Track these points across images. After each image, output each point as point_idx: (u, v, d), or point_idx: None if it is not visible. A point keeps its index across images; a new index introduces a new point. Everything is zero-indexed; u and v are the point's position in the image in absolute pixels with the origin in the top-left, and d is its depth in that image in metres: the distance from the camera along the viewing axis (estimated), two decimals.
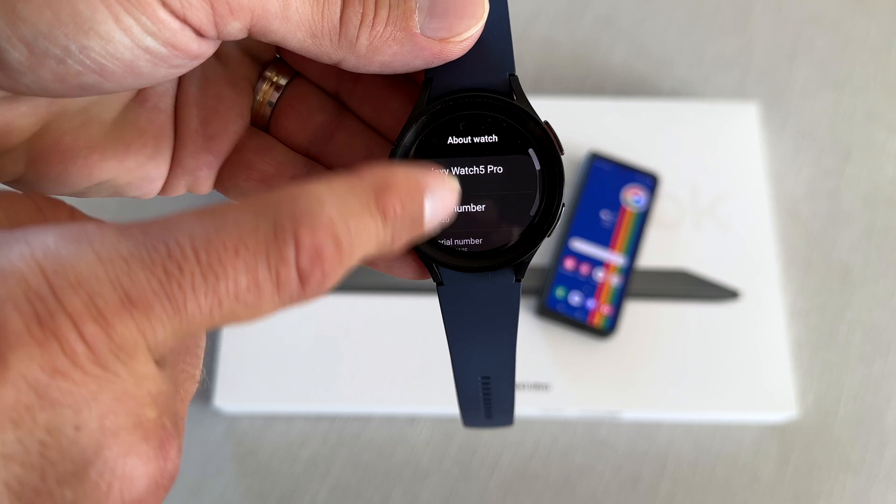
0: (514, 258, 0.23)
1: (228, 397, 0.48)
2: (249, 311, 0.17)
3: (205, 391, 0.49)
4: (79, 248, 0.16)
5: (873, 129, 0.58)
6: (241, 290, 0.17)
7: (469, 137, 0.23)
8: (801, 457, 0.49)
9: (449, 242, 0.23)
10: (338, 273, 0.18)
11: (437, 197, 0.20)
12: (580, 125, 0.54)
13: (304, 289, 0.18)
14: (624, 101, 0.56)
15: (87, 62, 0.20)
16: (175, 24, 0.20)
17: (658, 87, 0.59)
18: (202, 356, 0.21)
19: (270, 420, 0.49)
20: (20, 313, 0.15)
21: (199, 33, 0.20)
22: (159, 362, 0.17)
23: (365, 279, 0.51)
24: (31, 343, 0.15)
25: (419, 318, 0.49)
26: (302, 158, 0.26)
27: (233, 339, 0.49)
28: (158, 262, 0.16)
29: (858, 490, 0.48)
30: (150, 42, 0.20)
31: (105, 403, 0.16)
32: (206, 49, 0.21)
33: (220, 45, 0.24)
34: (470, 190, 0.23)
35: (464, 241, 0.23)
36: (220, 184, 0.26)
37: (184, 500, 0.47)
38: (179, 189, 0.27)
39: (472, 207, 0.23)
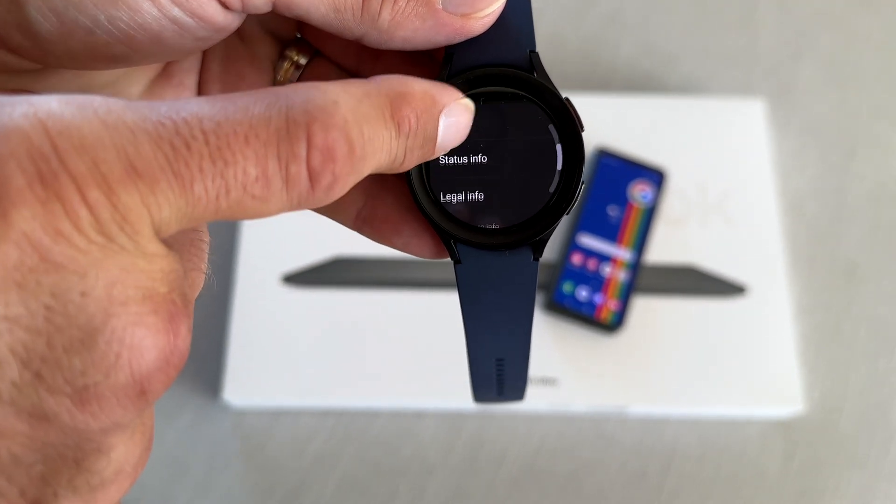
0: (532, 236, 0.23)
1: (237, 392, 0.48)
2: (257, 205, 0.17)
3: (213, 385, 0.49)
4: (84, 114, 0.16)
5: (879, 125, 0.58)
6: (249, 179, 0.16)
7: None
8: (807, 452, 0.49)
9: (465, 217, 0.23)
10: (348, 178, 0.18)
11: (453, 114, 0.20)
12: (587, 121, 0.54)
13: (314, 189, 0.17)
14: (630, 97, 0.56)
15: (116, 32, 0.20)
16: None
17: (664, 84, 0.59)
18: (206, 250, 0.20)
19: (278, 415, 0.49)
20: (22, 171, 0.15)
21: (224, 5, 0.21)
22: (167, 245, 0.17)
23: (373, 274, 0.51)
24: (34, 201, 0.15)
25: (427, 313, 0.50)
26: None
27: (241, 334, 0.49)
28: (166, 138, 0.16)
29: (864, 485, 0.48)
30: (176, 12, 0.20)
31: (112, 272, 0.15)
32: (232, 21, 0.21)
33: (243, 24, 0.24)
34: (489, 164, 0.23)
35: (482, 218, 0.23)
36: None
37: (191, 495, 0.47)
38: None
39: (490, 183, 0.23)
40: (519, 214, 0.23)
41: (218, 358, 0.50)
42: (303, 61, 0.26)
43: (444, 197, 0.23)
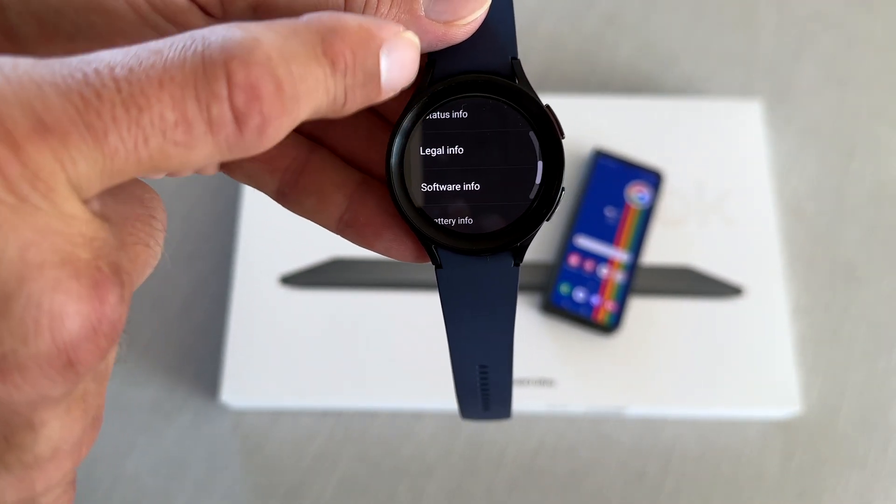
0: (513, 241, 0.23)
1: (235, 392, 0.48)
2: (181, 152, 0.16)
3: (212, 386, 0.50)
4: None
5: (878, 126, 0.58)
6: (168, 125, 0.16)
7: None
8: (806, 452, 0.49)
9: (447, 223, 0.23)
10: (281, 120, 0.17)
11: (395, 49, 0.19)
12: (585, 122, 0.55)
13: (242, 132, 0.16)
14: (628, 98, 0.56)
15: (96, 38, 0.20)
16: (182, 1, 0.20)
17: (662, 85, 0.59)
18: (159, 228, 0.19)
19: (277, 415, 0.50)
20: None
21: (205, 11, 0.21)
22: (97, 211, 0.16)
23: (371, 275, 0.51)
24: None
25: (425, 313, 0.50)
26: (303, 139, 0.26)
27: (239, 335, 0.49)
28: (75, 89, 0.15)
29: (863, 485, 0.48)
30: (156, 19, 0.20)
31: (25, 234, 0.15)
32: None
33: None
34: (469, 172, 0.23)
35: (462, 224, 0.23)
36: (225, 166, 0.26)
37: (191, 495, 0.48)
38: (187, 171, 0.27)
39: (470, 189, 0.23)
40: (499, 220, 0.23)
41: (216, 359, 0.50)
42: None
43: (425, 203, 0.23)
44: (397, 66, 0.19)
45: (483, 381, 0.27)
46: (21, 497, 0.17)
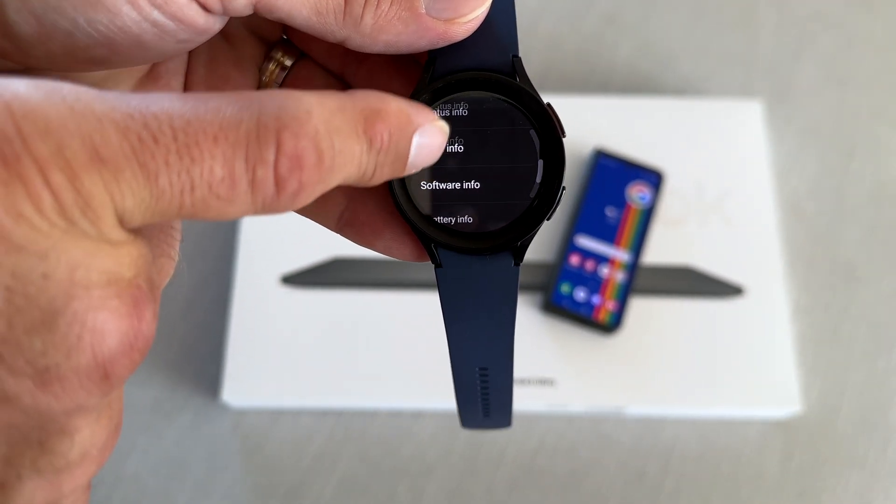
0: (513, 241, 0.23)
1: (236, 392, 0.48)
2: (221, 205, 0.17)
3: (212, 386, 0.50)
4: (51, 99, 0.16)
5: (878, 126, 0.58)
6: (216, 179, 0.16)
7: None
8: (805, 452, 0.49)
9: (447, 222, 0.23)
10: (315, 187, 0.18)
11: (426, 135, 0.20)
12: (585, 122, 0.55)
13: (279, 196, 0.17)
14: (629, 98, 0.56)
15: (96, 35, 0.20)
16: None
17: (663, 85, 0.59)
18: (178, 238, 0.21)
19: (277, 415, 0.50)
20: None
21: (205, 8, 0.21)
22: (135, 232, 0.17)
23: (372, 274, 0.51)
24: None
25: (425, 313, 0.50)
26: None
27: (240, 335, 0.49)
28: (133, 129, 0.16)
29: (862, 486, 0.48)
30: (156, 15, 0.20)
31: (75, 256, 0.16)
32: (213, 24, 0.21)
33: (228, 25, 0.24)
34: (470, 170, 0.23)
35: (462, 223, 0.23)
36: None
37: (191, 495, 0.48)
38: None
39: (471, 188, 0.23)
40: (500, 219, 0.23)
41: (217, 358, 0.50)
42: (288, 63, 0.26)
43: (425, 200, 0.23)
44: (426, 150, 0.20)
45: (483, 384, 0.27)
46: (48, 499, 0.18)
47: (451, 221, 0.23)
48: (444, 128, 0.21)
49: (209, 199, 0.17)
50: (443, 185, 0.23)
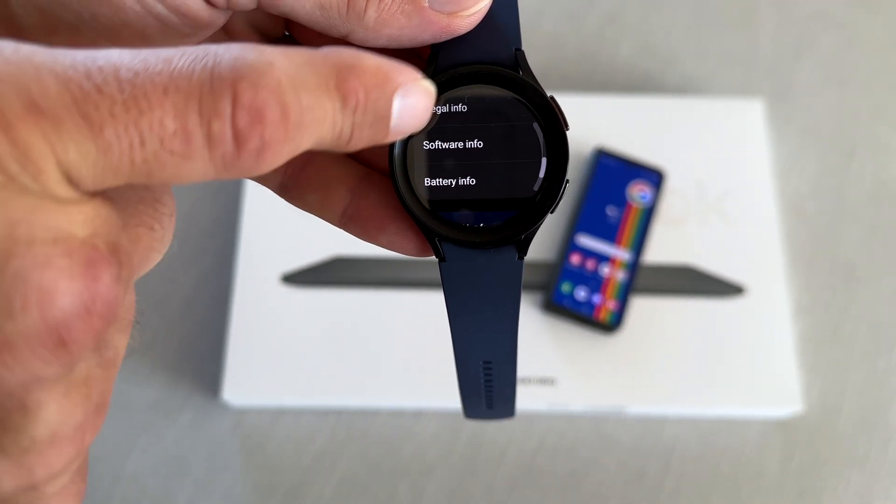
0: (517, 234, 0.23)
1: (236, 391, 0.48)
2: (177, 162, 0.16)
3: (213, 385, 0.49)
4: None
5: (878, 126, 0.58)
6: (167, 132, 0.15)
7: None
8: (806, 452, 0.49)
9: (451, 216, 0.23)
10: (281, 146, 0.17)
11: (410, 95, 0.19)
12: (586, 121, 0.55)
13: (240, 153, 0.16)
14: (630, 97, 0.56)
15: (100, 29, 0.20)
16: None
17: (664, 84, 0.59)
18: (165, 212, 0.19)
19: (278, 414, 0.50)
20: None
21: (209, 2, 0.21)
22: (97, 191, 0.16)
23: (372, 273, 0.51)
24: None
25: (426, 312, 0.50)
26: None
27: (241, 334, 0.49)
28: (75, 80, 0.15)
29: (863, 486, 0.48)
30: (160, 9, 0.20)
31: (14, 212, 0.14)
32: (216, 18, 0.21)
33: (230, 21, 0.24)
34: (473, 164, 0.23)
35: (466, 216, 0.23)
36: None
37: (191, 494, 0.48)
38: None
39: (474, 181, 0.23)
40: (503, 213, 0.23)
41: (217, 357, 0.50)
42: None
43: (429, 195, 0.23)
44: (409, 111, 0.19)
45: (487, 377, 0.27)
46: (20, 484, 0.17)
47: (454, 215, 0.23)
48: (429, 88, 0.19)
49: (162, 155, 0.16)
50: (446, 179, 0.23)
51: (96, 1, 0.19)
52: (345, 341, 0.49)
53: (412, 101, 0.19)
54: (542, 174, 0.23)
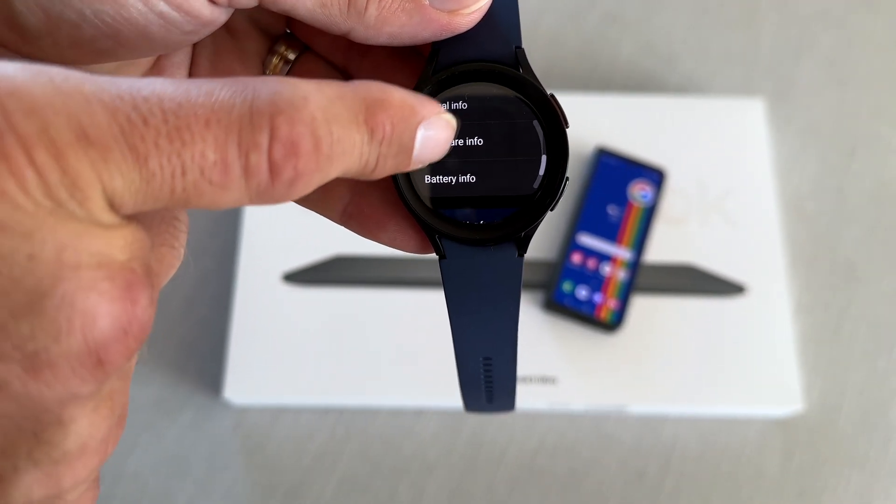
0: (516, 231, 0.23)
1: (237, 390, 0.48)
2: (214, 191, 0.17)
3: (214, 384, 0.50)
4: (38, 79, 0.15)
5: (879, 125, 0.58)
6: (207, 163, 0.16)
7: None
8: (806, 451, 0.49)
9: (451, 213, 0.23)
10: (312, 176, 0.17)
11: (432, 128, 0.20)
12: (587, 121, 0.55)
13: (274, 183, 0.17)
14: (631, 96, 0.56)
15: (102, 27, 0.20)
16: None
17: (664, 83, 0.59)
18: (182, 229, 0.20)
19: (279, 413, 0.50)
20: None
21: (211, 0, 0.21)
22: (130, 215, 0.17)
23: (373, 272, 0.51)
24: None
25: (427, 311, 0.50)
26: None
27: (242, 332, 0.49)
28: (122, 110, 0.16)
29: (863, 485, 0.48)
30: (162, 6, 0.20)
31: (62, 236, 0.15)
32: (219, 15, 0.21)
33: (232, 19, 0.24)
34: (473, 161, 0.23)
35: (466, 214, 0.23)
36: None
37: (192, 493, 0.48)
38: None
39: (474, 179, 0.23)
40: (503, 210, 0.23)
41: (219, 356, 0.50)
42: (291, 56, 0.26)
43: (429, 193, 0.23)
44: (431, 143, 0.20)
45: (487, 373, 0.27)
46: (48, 493, 0.17)
47: (454, 212, 0.23)
48: (450, 121, 0.20)
49: (201, 184, 0.16)
50: (447, 177, 0.23)
51: None
52: (346, 340, 0.49)
53: (434, 133, 0.20)
54: (542, 171, 0.23)
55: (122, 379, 0.18)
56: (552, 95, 0.23)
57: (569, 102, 0.61)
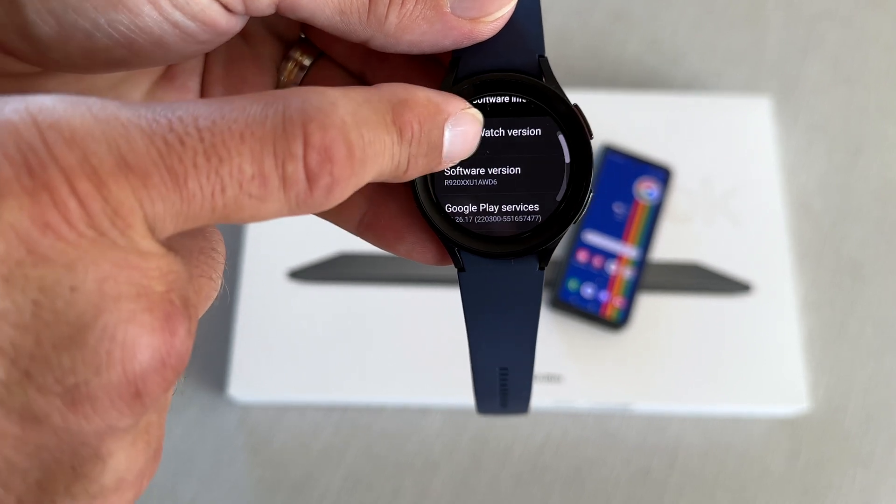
0: (539, 244, 0.22)
1: (242, 387, 0.48)
2: (254, 204, 0.17)
3: (219, 381, 0.50)
4: (76, 109, 0.15)
5: (885, 124, 0.58)
6: (245, 177, 0.16)
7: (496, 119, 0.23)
8: (811, 450, 0.49)
9: (471, 225, 0.23)
10: (348, 181, 0.17)
11: (460, 124, 0.20)
12: (593, 118, 0.54)
13: (312, 191, 0.17)
14: (637, 94, 0.56)
15: (116, 36, 0.20)
16: None
17: (671, 81, 0.59)
18: (221, 261, 0.20)
19: (283, 410, 0.50)
20: (10, 162, 0.14)
21: (227, 8, 0.20)
22: (167, 245, 0.17)
23: (379, 269, 0.51)
24: (21, 193, 0.14)
25: (432, 308, 0.50)
26: None
27: (247, 329, 0.49)
28: (159, 133, 0.16)
29: (868, 484, 0.48)
30: (178, 16, 0.20)
31: (104, 268, 0.15)
32: (234, 25, 0.21)
33: (247, 26, 0.24)
34: (495, 173, 0.23)
35: (487, 226, 0.23)
36: None
37: (197, 489, 0.48)
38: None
39: (496, 191, 0.23)
40: (525, 223, 0.23)
41: (224, 353, 0.50)
42: (307, 63, 0.25)
43: (449, 204, 0.23)
44: (459, 139, 0.20)
45: (503, 382, 0.26)
46: None
47: (475, 225, 0.23)
48: (477, 115, 0.20)
49: (241, 198, 0.16)
50: (468, 188, 0.23)
51: (113, 8, 0.19)
52: (351, 337, 0.49)
53: (462, 129, 0.20)
54: (565, 183, 0.23)
55: (158, 412, 0.18)
56: (576, 106, 0.23)
57: (574, 100, 0.61)
